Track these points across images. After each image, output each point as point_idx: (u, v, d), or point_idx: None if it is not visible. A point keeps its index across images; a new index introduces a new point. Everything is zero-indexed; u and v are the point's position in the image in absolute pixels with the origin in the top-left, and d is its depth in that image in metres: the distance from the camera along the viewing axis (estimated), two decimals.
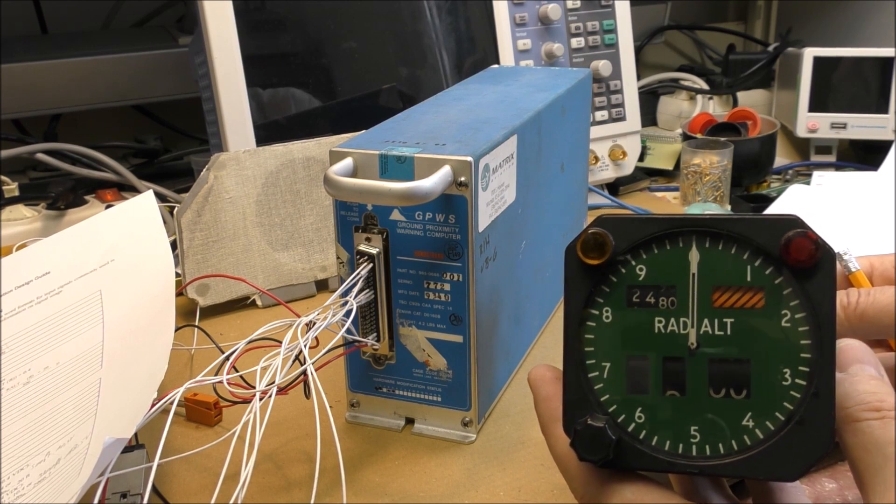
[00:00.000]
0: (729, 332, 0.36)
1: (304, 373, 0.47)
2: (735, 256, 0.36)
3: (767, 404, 0.36)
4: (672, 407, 0.37)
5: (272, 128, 0.80)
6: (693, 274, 0.36)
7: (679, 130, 1.10)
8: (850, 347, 0.38)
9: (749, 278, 0.36)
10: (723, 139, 0.96)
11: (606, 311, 0.37)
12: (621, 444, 0.36)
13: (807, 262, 0.35)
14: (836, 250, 0.44)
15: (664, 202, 0.98)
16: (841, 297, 0.40)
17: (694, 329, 0.36)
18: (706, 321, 0.36)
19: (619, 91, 0.95)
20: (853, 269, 0.45)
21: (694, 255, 0.36)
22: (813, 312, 0.35)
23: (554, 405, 0.39)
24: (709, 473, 0.37)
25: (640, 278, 0.37)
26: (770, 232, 0.35)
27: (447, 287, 0.52)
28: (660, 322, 0.37)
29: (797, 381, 0.35)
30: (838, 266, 0.44)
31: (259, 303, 0.74)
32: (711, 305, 0.36)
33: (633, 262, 0.37)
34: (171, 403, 0.46)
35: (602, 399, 0.37)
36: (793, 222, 0.35)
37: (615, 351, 0.37)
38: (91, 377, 0.52)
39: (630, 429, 0.37)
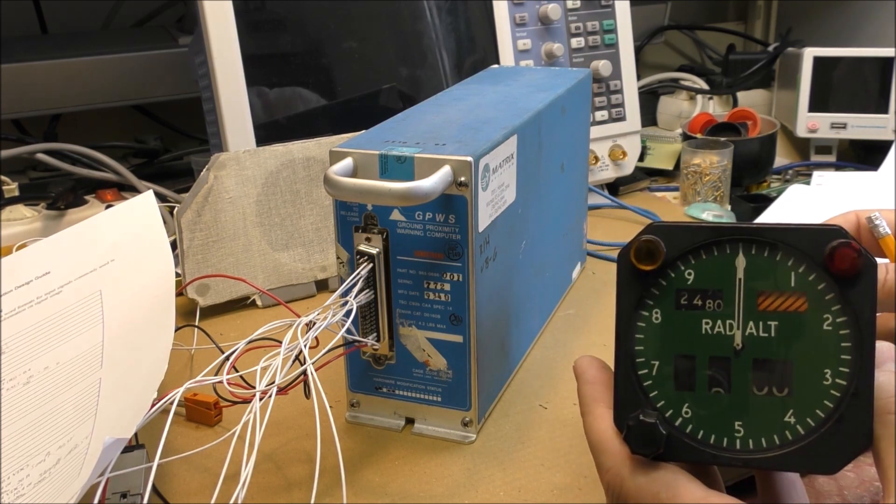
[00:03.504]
0: (773, 334, 0.38)
1: (304, 373, 0.47)
2: (780, 263, 0.38)
3: (809, 402, 0.38)
4: (717, 403, 0.39)
5: (272, 128, 0.80)
6: (739, 279, 0.38)
7: (679, 130, 1.10)
8: (883, 348, 0.39)
9: (793, 284, 0.38)
10: (723, 139, 0.96)
11: (656, 313, 0.39)
12: (669, 438, 0.38)
13: (849, 271, 0.37)
14: (866, 215, 0.46)
15: (664, 202, 0.98)
16: None
17: (739, 331, 0.38)
18: (751, 323, 0.38)
19: (619, 91, 0.95)
20: (883, 234, 0.46)
21: (741, 262, 0.38)
22: (854, 317, 0.37)
23: (598, 388, 0.42)
24: (752, 466, 0.39)
25: (689, 282, 0.39)
26: (815, 241, 0.37)
27: (447, 287, 0.52)
28: (707, 324, 0.39)
29: (837, 381, 0.37)
30: (870, 229, 0.46)
31: (259, 303, 0.74)
32: (756, 309, 0.38)
33: (683, 267, 0.39)
34: (171, 403, 0.46)
35: (651, 395, 0.39)
36: (836, 232, 0.37)
37: (664, 350, 0.39)
38: (91, 377, 0.52)
39: (677, 423, 0.39)
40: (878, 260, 0.45)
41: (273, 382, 0.46)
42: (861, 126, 1.06)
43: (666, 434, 0.38)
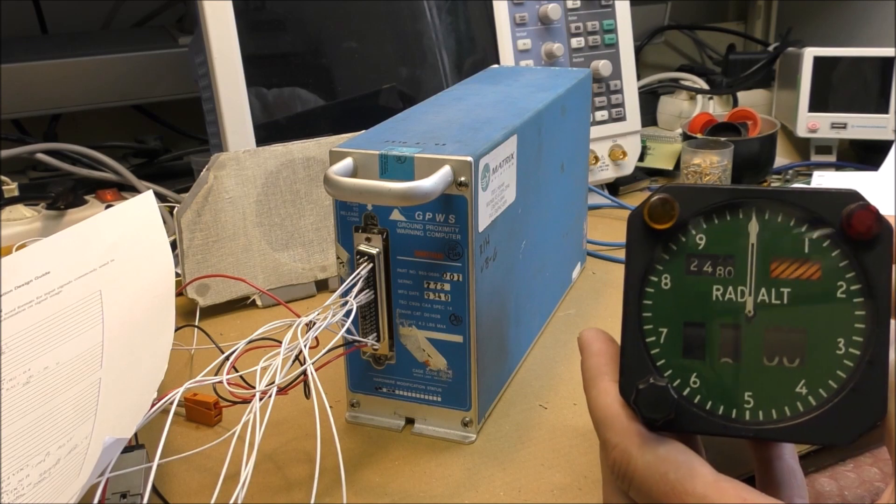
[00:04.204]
0: (785, 301, 0.37)
1: (304, 373, 0.47)
2: (793, 228, 0.37)
3: (821, 372, 0.37)
4: (726, 373, 0.38)
5: (272, 128, 0.80)
6: (752, 244, 0.37)
7: (679, 130, 1.10)
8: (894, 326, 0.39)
9: (807, 250, 0.37)
10: (723, 139, 0.96)
11: (665, 278, 0.38)
12: (678, 407, 0.38)
13: (866, 235, 0.36)
14: None
15: None
16: None
17: (751, 297, 0.37)
18: (763, 290, 0.37)
19: (619, 91, 0.95)
20: None
21: (753, 227, 0.37)
22: (868, 284, 0.36)
23: (603, 360, 0.40)
24: (763, 437, 0.38)
25: (700, 247, 0.38)
26: (831, 204, 0.37)
27: (447, 287, 0.52)
28: (718, 290, 0.38)
29: (851, 350, 0.36)
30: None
31: (259, 303, 0.74)
32: (769, 275, 0.37)
33: (694, 232, 0.38)
34: (171, 403, 0.46)
35: (658, 363, 0.38)
36: (853, 196, 0.36)
37: (673, 317, 0.38)
38: (91, 377, 0.52)
39: (685, 393, 0.38)
40: None
41: (273, 382, 0.46)
42: (861, 126, 1.06)
43: (677, 398, 0.37)
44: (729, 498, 0.35)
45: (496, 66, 0.80)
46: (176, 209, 0.70)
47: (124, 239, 0.61)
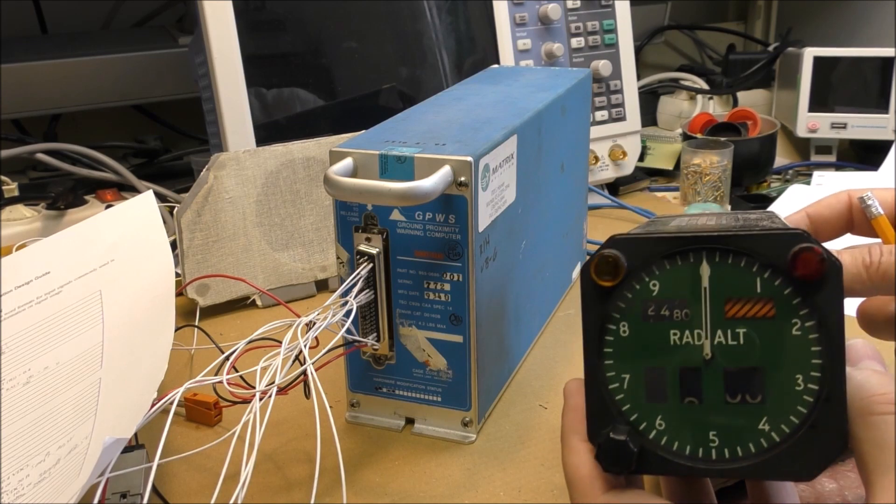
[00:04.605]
0: (742, 341, 0.37)
1: (304, 373, 0.47)
2: (744, 269, 0.37)
3: (782, 409, 0.37)
4: (690, 413, 0.38)
5: (272, 128, 0.80)
6: (705, 288, 0.38)
7: (679, 130, 1.10)
8: (858, 345, 0.39)
9: (759, 289, 0.37)
10: (723, 139, 0.96)
11: (623, 326, 0.38)
12: (643, 452, 0.38)
13: (814, 276, 0.36)
14: (859, 195, 0.45)
15: (664, 202, 0.98)
16: (863, 254, 0.40)
17: (708, 340, 0.38)
18: (719, 332, 0.37)
19: (619, 91, 0.95)
20: (876, 214, 0.45)
21: (705, 270, 0.38)
22: (822, 321, 0.36)
23: (577, 417, 0.40)
24: (728, 476, 0.38)
25: (654, 293, 0.38)
26: (777, 246, 0.36)
27: (447, 287, 0.52)
28: (675, 334, 0.38)
29: (810, 385, 0.36)
30: (862, 210, 0.45)
31: (259, 303, 0.74)
32: (724, 316, 0.37)
33: (647, 279, 0.38)
34: (171, 403, 0.46)
35: (623, 409, 0.39)
36: (799, 237, 0.36)
37: (633, 362, 0.38)
38: (91, 377, 0.52)
39: (651, 436, 0.38)
40: (870, 240, 0.44)
41: (273, 382, 0.46)
42: (861, 126, 1.06)
43: (637, 450, 0.37)
44: None
45: (496, 66, 0.80)
46: (176, 209, 0.70)
47: (124, 239, 0.61)
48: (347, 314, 0.50)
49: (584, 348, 0.39)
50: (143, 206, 0.64)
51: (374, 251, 0.52)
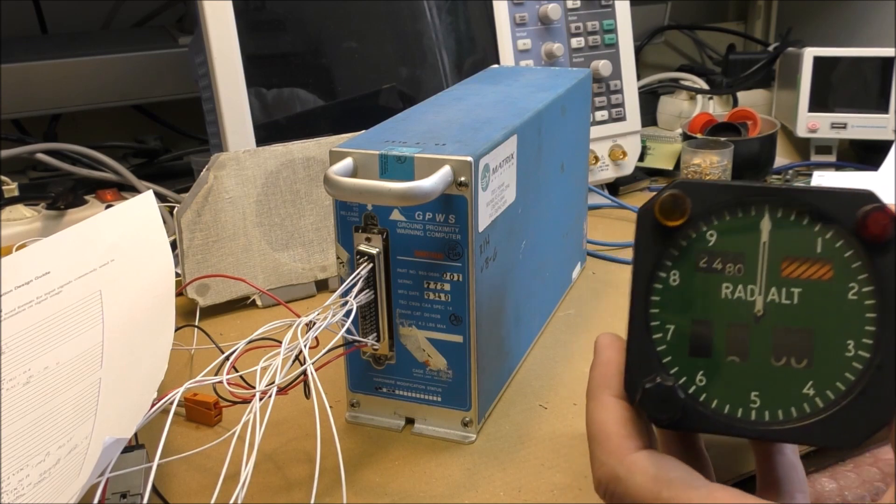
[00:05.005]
0: (795, 301, 0.37)
1: (304, 373, 0.47)
2: (806, 228, 0.36)
3: (829, 374, 0.36)
4: (733, 372, 0.37)
5: (272, 128, 0.80)
6: (764, 243, 0.37)
7: (679, 130, 1.10)
8: None
9: (819, 250, 0.36)
10: (723, 139, 0.96)
11: (674, 275, 0.38)
12: (684, 406, 0.37)
13: (881, 237, 0.36)
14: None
15: None
16: None
17: (761, 297, 0.37)
18: (773, 290, 0.37)
19: (619, 91, 0.95)
20: None
21: (766, 225, 0.37)
22: (880, 287, 0.36)
23: (609, 371, 0.40)
24: (768, 438, 0.37)
25: (711, 244, 0.37)
26: (846, 204, 0.36)
27: (447, 287, 0.52)
28: (727, 288, 0.37)
29: (860, 352, 0.36)
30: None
31: (259, 303, 0.74)
32: (780, 275, 0.37)
33: (705, 228, 0.37)
34: (171, 403, 0.46)
35: (664, 361, 0.38)
36: (869, 196, 0.36)
37: (680, 314, 0.38)
38: (91, 377, 0.52)
39: (691, 391, 0.37)
40: None
41: (273, 382, 0.46)
42: (861, 126, 1.06)
43: (684, 398, 0.37)
44: None
45: (496, 66, 0.80)
46: (176, 209, 0.70)
47: (124, 239, 0.61)
48: (347, 314, 0.50)
49: (632, 294, 0.38)
50: (143, 206, 0.64)
51: (374, 251, 0.52)
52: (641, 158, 1.02)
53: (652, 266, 0.38)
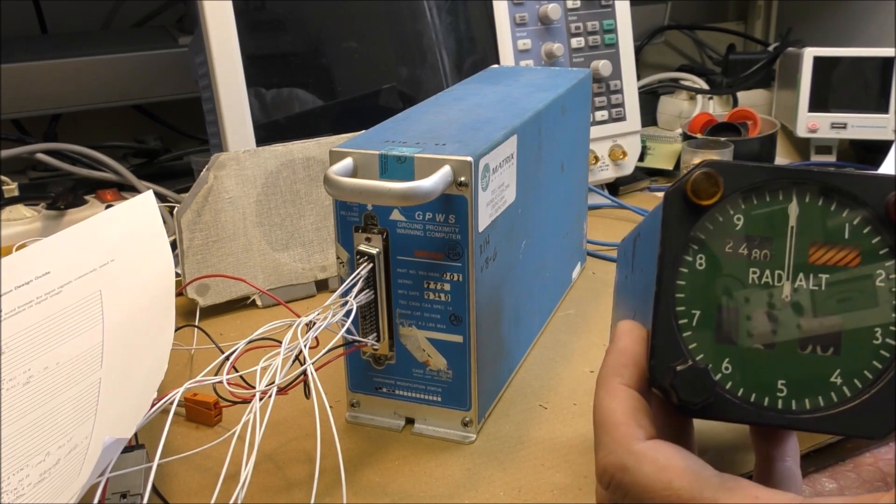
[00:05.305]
0: (823, 287, 0.36)
1: (304, 373, 0.47)
2: (834, 213, 0.36)
3: (856, 362, 0.36)
4: (759, 359, 0.37)
5: (272, 128, 0.80)
6: (792, 227, 0.36)
7: (679, 130, 1.10)
8: None
9: (847, 236, 0.36)
10: (723, 139, 0.96)
11: (700, 259, 0.37)
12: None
13: None
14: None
15: None
16: None
17: (789, 283, 0.36)
18: (801, 276, 0.36)
19: (619, 91, 0.95)
20: None
21: (793, 209, 0.36)
22: None
23: (623, 359, 0.39)
24: (796, 428, 0.37)
25: (738, 228, 0.37)
26: (876, 189, 0.36)
27: (447, 287, 0.52)
28: (754, 273, 0.37)
29: (888, 340, 0.36)
30: None
31: (259, 303, 0.74)
32: (807, 261, 0.36)
33: (732, 212, 0.37)
34: (171, 403, 0.46)
35: (690, 347, 0.37)
36: None
37: (706, 298, 0.37)
38: (91, 377, 0.52)
39: (717, 378, 0.37)
40: None
41: (273, 382, 0.46)
42: (861, 126, 1.06)
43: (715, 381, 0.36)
44: (740, 498, 0.34)
45: (496, 66, 0.80)
46: (176, 209, 0.70)
47: (124, 239, 0.61)
48: (347, 314, 0.50)
49: (658, 278, 0.37)
50: (143, 206, 0.64)
51: (374, 251, 0.52)
52: (641, 158, 1.02)
53: (679, 248, 0.37)
